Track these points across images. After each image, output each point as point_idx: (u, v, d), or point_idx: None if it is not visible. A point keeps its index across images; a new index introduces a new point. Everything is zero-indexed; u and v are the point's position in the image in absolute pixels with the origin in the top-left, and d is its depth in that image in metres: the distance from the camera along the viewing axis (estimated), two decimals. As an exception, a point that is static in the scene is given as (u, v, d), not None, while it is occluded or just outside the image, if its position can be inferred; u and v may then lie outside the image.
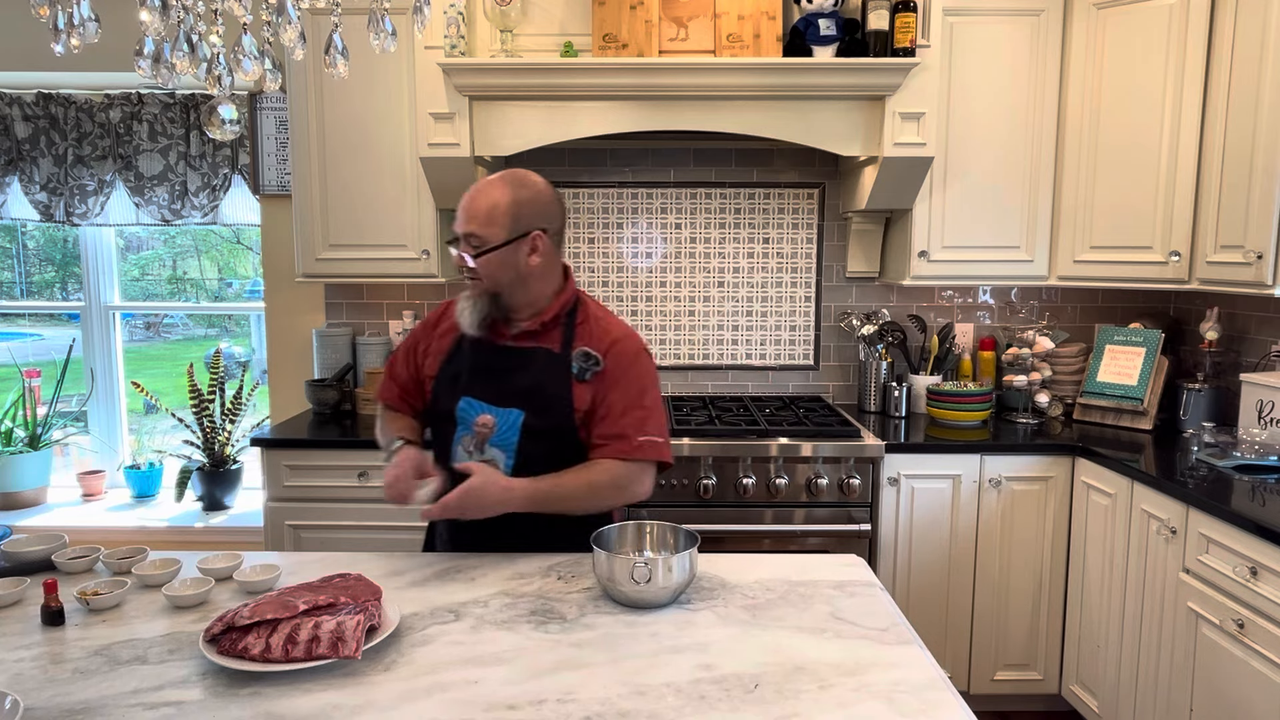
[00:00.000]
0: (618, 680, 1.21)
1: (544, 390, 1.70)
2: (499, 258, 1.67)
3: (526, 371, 1.71)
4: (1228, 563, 2.04)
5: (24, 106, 3.37)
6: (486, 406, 1.71)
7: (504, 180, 1.69)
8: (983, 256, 2.94)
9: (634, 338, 1.78)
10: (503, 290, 1.71)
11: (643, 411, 1.71)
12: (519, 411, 1.69)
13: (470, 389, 1.73)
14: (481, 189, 1.68)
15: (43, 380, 3.75)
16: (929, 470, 2.71)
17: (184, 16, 1.31)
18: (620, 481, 1.69)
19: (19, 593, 1.48)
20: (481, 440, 1.70)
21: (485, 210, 1.66)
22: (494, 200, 1.66)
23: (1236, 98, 2.47)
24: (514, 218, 1.66)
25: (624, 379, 1.72)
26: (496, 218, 1.66)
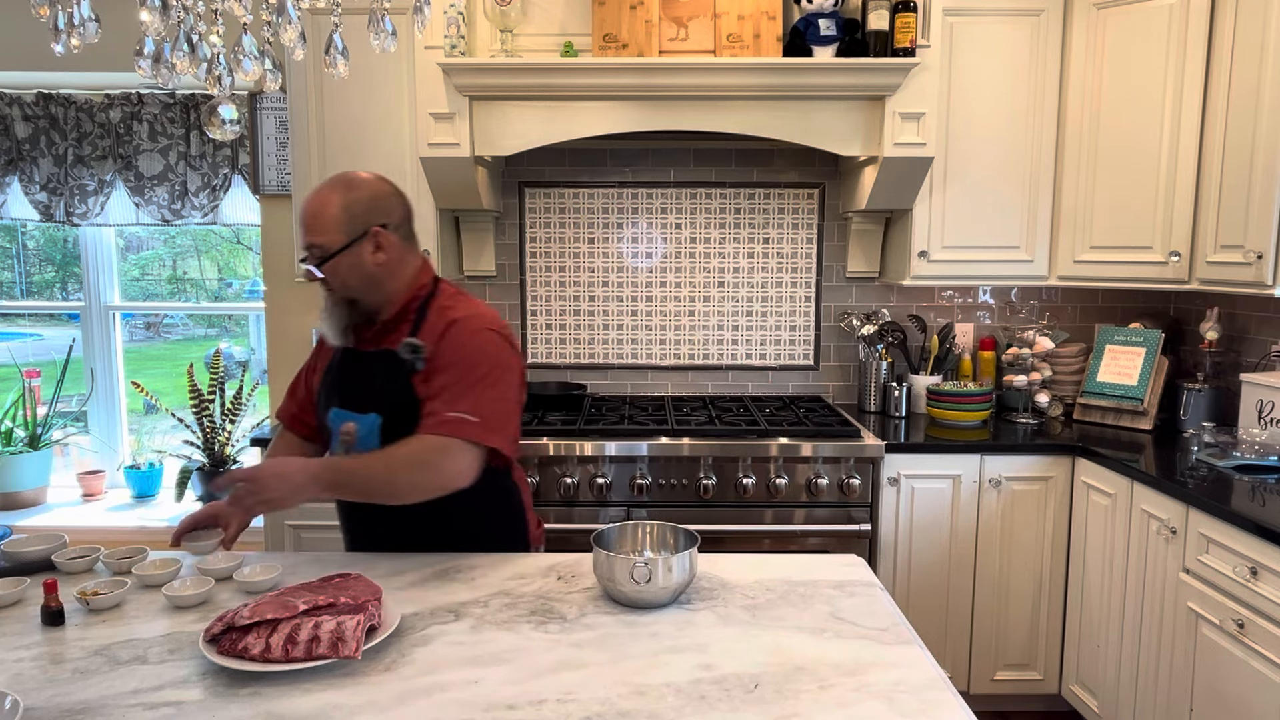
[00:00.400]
0: (618, 680, 1.21)
1: (393, 390, 1.67)
2: (343, 262, 1.64)
3: (377, 374, 1.70)
4: (1228, 563, 2.04)
5: (24, 106, 3.37)
6: (350, 414, 1.70)
7: (333, 185, 1.66)
8: (983, 256, 2.94)
9: (479, 318, 1.70)
10: (357, 294, 1.69)
11: (463, 388, 1.62)
12: (375, 415, 1.67)
13: (338, 398, 1.73)
14: (312, 198, 1.65)
15: (43, 380, 3.75)
16: (929, 470, 2.71)
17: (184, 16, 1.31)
18: (421, 457, 1.57)
19: (19, 593, 1.48)
20: (348, 448, 1.69)
21: (318, 218, 1.63)
22: (325, 207, 1.64)
23: (1236, 98, 2.47)
24: (349, 219, 1.64)
25: (453, 358, 1.64)
26: (330, 223, 1.63)
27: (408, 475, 1.58)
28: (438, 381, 1.64)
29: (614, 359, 3.33)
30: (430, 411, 1.62)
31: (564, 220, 3.27)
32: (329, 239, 1.63)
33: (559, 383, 3.27)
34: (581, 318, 3.31)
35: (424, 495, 1.60)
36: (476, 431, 1.60)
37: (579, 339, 3.32)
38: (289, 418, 1.90)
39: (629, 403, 3.12)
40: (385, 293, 1.71)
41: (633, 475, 2.64)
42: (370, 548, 1.78)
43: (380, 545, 1.77)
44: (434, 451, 1.58)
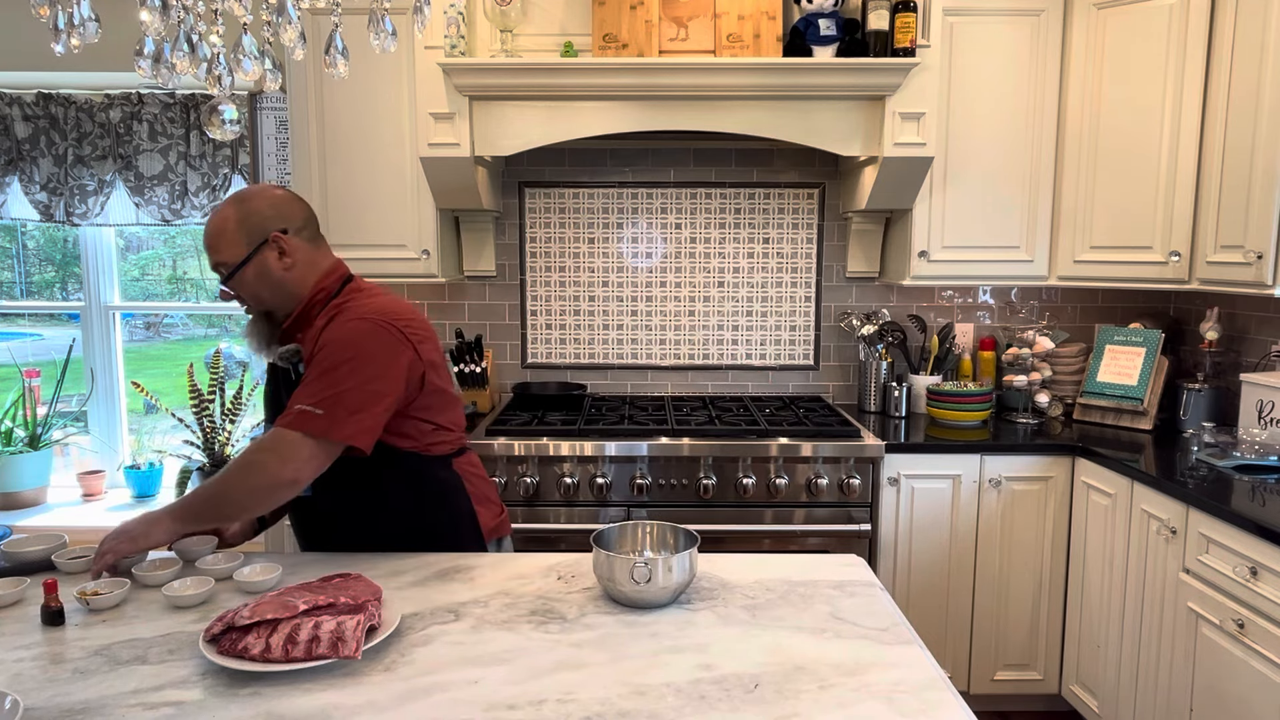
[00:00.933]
0: (618, 680, 1.21)
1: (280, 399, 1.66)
2: (249, 274, 1.64)
3: (281, 386, 1.69)
4: (1228, 563, 2.04)
5: (24, 106, 3.37)
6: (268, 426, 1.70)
7: (228, 202, 1.67)
8: (983, 256, 2.94)
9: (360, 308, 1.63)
10: (270, 306, 1.69)
11: (312, 380, 1.55)
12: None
13: (267, 416, 1.74)
14: (211, 218, 1.66)
15: (43, 380, 3.75)
16: (929, 470, 2.71)
17: (184, 16, 1.31)
18: (248, 459, 1.52)
19: (19, 593, 1.48)
20: None
21: (218, 236, 1.63)
22: (223, 223, 1.64)
23: (1236, 98, 2.47)
24: (245, 231, 1.64)
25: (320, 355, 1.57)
26: (230, 238, 1.63)
27: (239, 481, 1.52)
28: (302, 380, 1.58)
29: (614, 359, 3.33)
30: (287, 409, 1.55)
31: (564, 220, 3.27)
32: (230, 254, 1.63)
33: (559, 383, 3.27)
34: (581, 318, 3.31)
35: (267, 498, 1.54)
36: (318, 424, 1.51)
37: (579, 339, 3.32)
38: None
39: (629, 403, 3.12)
40: (299, 298, 1.69)
41: (633, 475, 2.64)
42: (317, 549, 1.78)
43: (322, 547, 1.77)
44: (262, 451, 1.52)
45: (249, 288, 1.65)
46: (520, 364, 3.33)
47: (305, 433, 1.52)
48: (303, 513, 1.76)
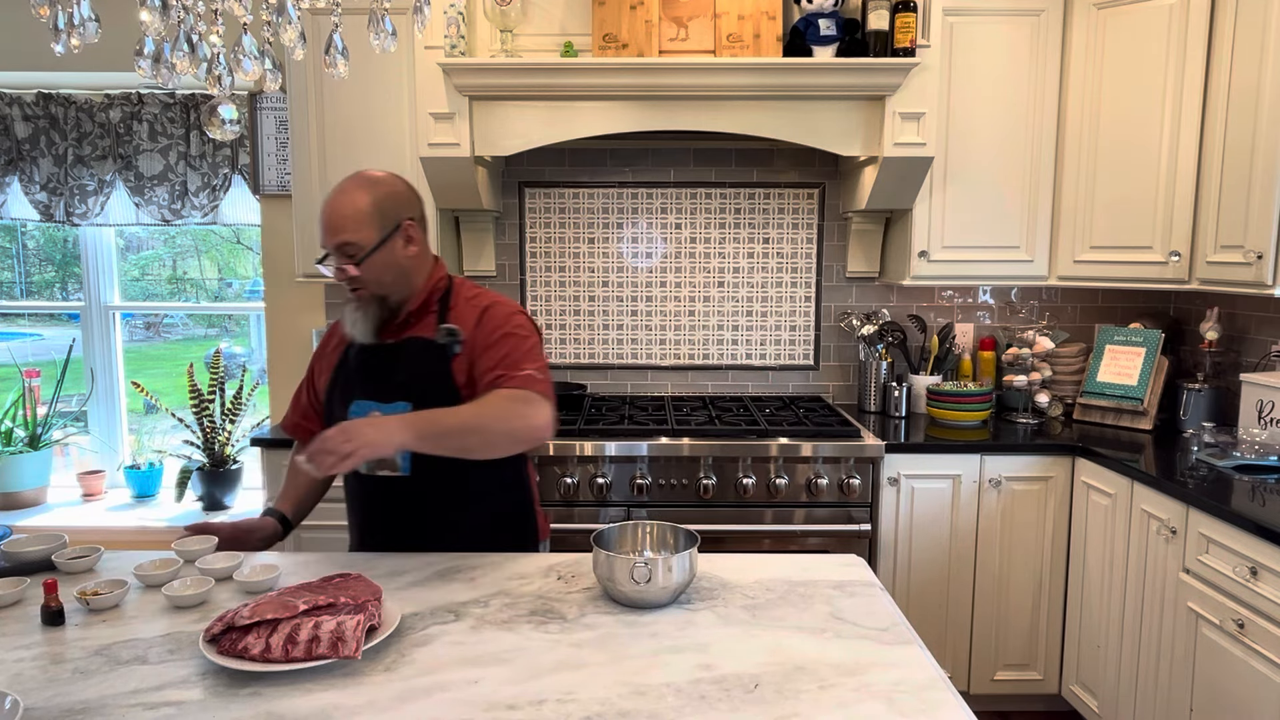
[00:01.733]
0: (618, 680, 1.21)
1: (423, 376, 1.70)
2: (380, 259, 1.66)
3: (404, 363, 1.72)
4: (1228, 563, 2.04)
5: (24, 106, 3.37)
6: (375, 405, 1.70)
7: (357, 183, 1.67)
8: (983, 256, 2.94)
9: (508, 304, 1.77)
10: (388, 290, 1.71)
11: (520, 355, 1.68)
12: (405, 404, 1.68)
13: (358, 391, 1.74)
14: (339, 198, 1.65)
15: (43, 380, 3.75)
16: (929, 470, 2.71)
17: (184, 16, 1.31)
18: (509, 410, 1.59)
19: (19, 593, 1.48)
20: None
21: (351, 216, 1.64)
22: (357, 204, 1.64)
23: (1236, 98, 2.47)
24: (381, 214, 1.66)
25: (495, 336, 1.70)
26: (365, 220, 1.64)
27: (502, 424, 1.58)
28: (490, 358, 1.68)
29: (614, 359, 3.33)
30: (495, 379, 1.64)
31: (564, 220, 3.27)
32: (363, 236, 1.64)
33: (559, 383, 3.27)
34: (581, 318, 3.31)
35: (514, 443, 1.62)
36: (547, 389, 1.66)
37: (579, 339, 3.32)
38: (292, 426, 1.92)
39: (629, 403, 3.12)
40: (412, 287, 1.74)
41: (633, 475, 2.64)
42: (382, 543, 1.78)
43: (392, 539, 1.77)
44: (521, 402, 1.60)
45: (375, 271, 1.66)
46: (520, 364, 3.33)
47: (542, 394, 1.64)
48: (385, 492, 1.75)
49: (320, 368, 1.87)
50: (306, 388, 1.91)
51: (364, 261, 1.65)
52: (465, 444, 1.58)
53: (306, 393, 1.90)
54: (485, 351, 1.69)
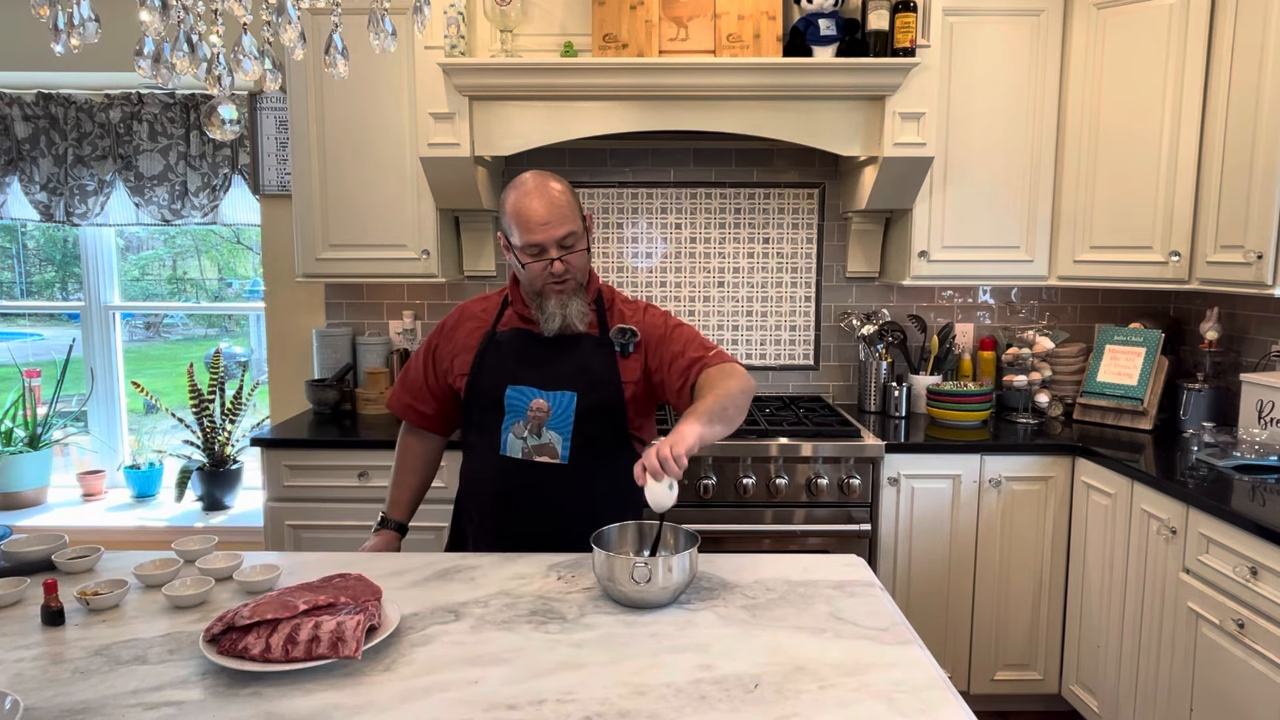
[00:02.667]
0: (618, 680, 1.21)
1: (592, 371, 1.77)
2: (583, 247, 1.75)
3: (573, 356, 1.78)
4: (1228, 563, 2.04)
5: (24, 106, 3.37)
6: (537, 392, 1.76)
7: (548, 178, 1.73)
8: (983, 256, 2.94)
9: (658, 308, 1.90)
10: (582, 281, 1.79)
11: (699, 340, 1.81)
12: (571, 394, 1.75)
13: (517, 377, 1.77)
14: (546, 193, 1.70)
15: (43, 380, 3.75)
16: (929, 470, 2.71)
17: (184, 16, 1.31)
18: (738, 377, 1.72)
19: (19, 593, 1.48)
20: (538, 424, 1.76)
21: (566, 207, 1.71)
22: (565, 197, 1.72)
23: (1236, 98, 2.47)
24: (578, 206, 1.75)
25: (668, 330, 1.82)
26: (573, 212, 1.73)
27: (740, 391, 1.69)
28: (674, 345, 1.79)
29: (614, 359, 3.32)
30: (692, 361, 1.76)
31: (564, 220, 3.26)
32: (577, 225, 1.72)
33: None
34: (581, 318, 3.30)
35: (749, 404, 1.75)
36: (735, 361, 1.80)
37: (579, 339, 3.32)
38: (403, 407, 1.96)
39: (629, 403, 3.11)
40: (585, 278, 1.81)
41: (633, 475, 2.63)
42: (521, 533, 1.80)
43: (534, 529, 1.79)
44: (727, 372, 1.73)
45: (581, 259, 1.74)
46: (520, 364, 3.33)
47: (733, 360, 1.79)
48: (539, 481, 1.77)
49: (450, 351, 1.88)
50: (425, 370, 1.92)
51: (578, 250, 1.72)
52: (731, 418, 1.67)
53: (426, 375, 1.92)
54: (665, 343, 1.80)
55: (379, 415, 3.08)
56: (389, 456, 2.70)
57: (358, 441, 2.75)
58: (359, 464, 2.73)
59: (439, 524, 2.72)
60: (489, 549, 1.82)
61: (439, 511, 2.72)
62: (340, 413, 3.10)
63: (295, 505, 2.77)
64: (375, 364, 3.20)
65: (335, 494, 2.75)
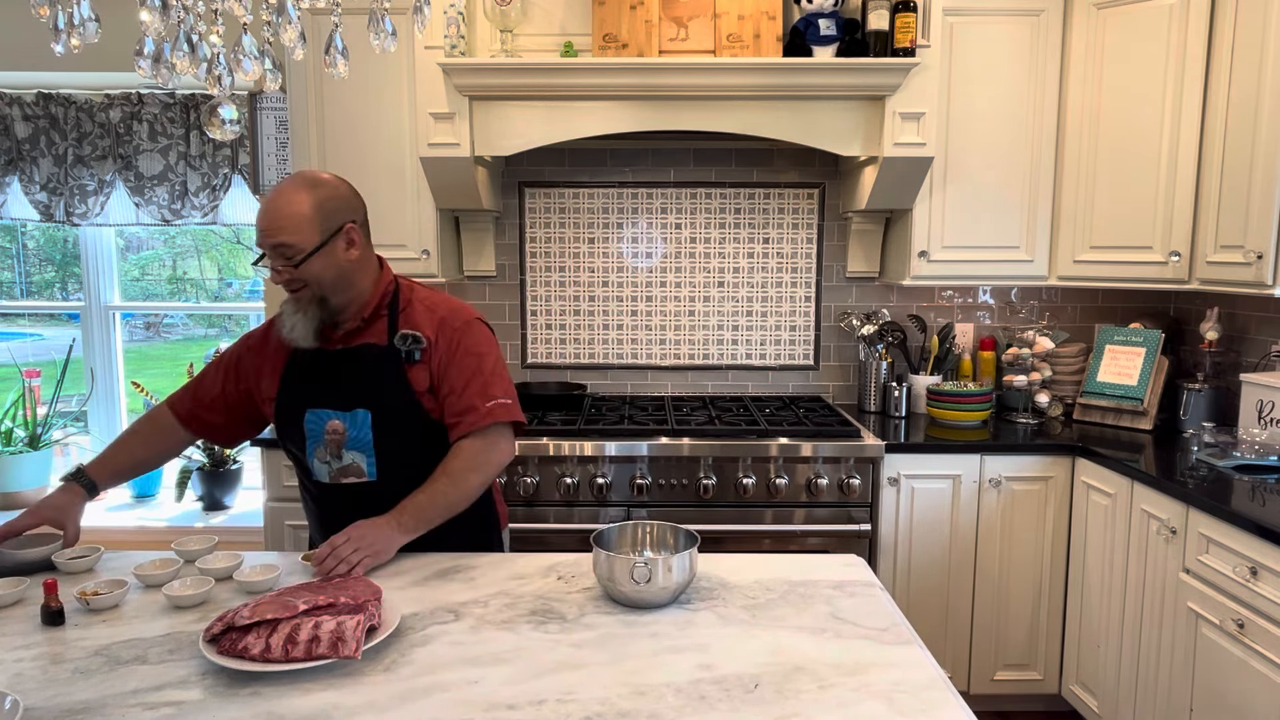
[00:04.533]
0: (618, 680, 1.21)
1: (381, 384, 1.70)
2: (319, 261, 1.63)
3: (360, 370, 1.71)
4: (1228, 563, 2.04)
5: (24, 106, 3.37)
6: (332, 413, 1.70)
7: (298, 184, 1.64)
8: (983, 256, 2.94)
9: (463, 310, 1.79)
10: (329, 293, 1.68)
11: (483, 378, 1.73)
12: (365, 411, 1.69)
13: (312, 399, 1.71)
14: (279, 198, 1.61)
15: (43, 380, 3.75)
16: (929, 470, 2.71)
17: (184, 16, 1.31)
18: (476, 459, 1.70)
19: (19, 593, 1.48)
20: (337, 447, 1.71)
21: (291, 217, 1.60)
22: (297, 206, 1.61)
23: (1236, 98, 2.47)
24: (323, 217, 1.62)
25: (458, 352, 1.73)
26: (304, 222, 1.61)
27: (473, 476, 1.70)
28: (455, 374, 1.71)
29: (614, 359, 3.33)
30: (467, 406, 1.71)
31: (564, 220, 3.27)
32: (303, 238, 1.61)
33: (559, 383, 3.27)
34: (581, 318, 3.31)
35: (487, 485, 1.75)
36: (513, 412, 1.75)
37: (579, 339, 3.32)
38: (189, 416, 1.84)
39: (629, 403, 3.12)
40: (354, 290, 1.71)
41: (633, 475, 2.64)
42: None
43: None
44: (487, 447, 1.71)
45: (315, 273, 1.64)
46: (520, 364, 3.33)
47: (508, 421, 1.74)
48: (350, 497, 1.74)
49: (255, 366, 1.80)
50: (225, 381, 1.83)
51: (302, 264, 1.62)
52: (454, 513, 1.69)
53: (225, 387, 1.82)
54: (450, 368, 1.72)
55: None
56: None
57: (358, 441, 2.75)
58: (359, 464, 2.73)
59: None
60: None
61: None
62: (340, 413, 3.10)
63: (295, 505, 2.75)
64: (375, 364, 3.20)
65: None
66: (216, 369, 1.85)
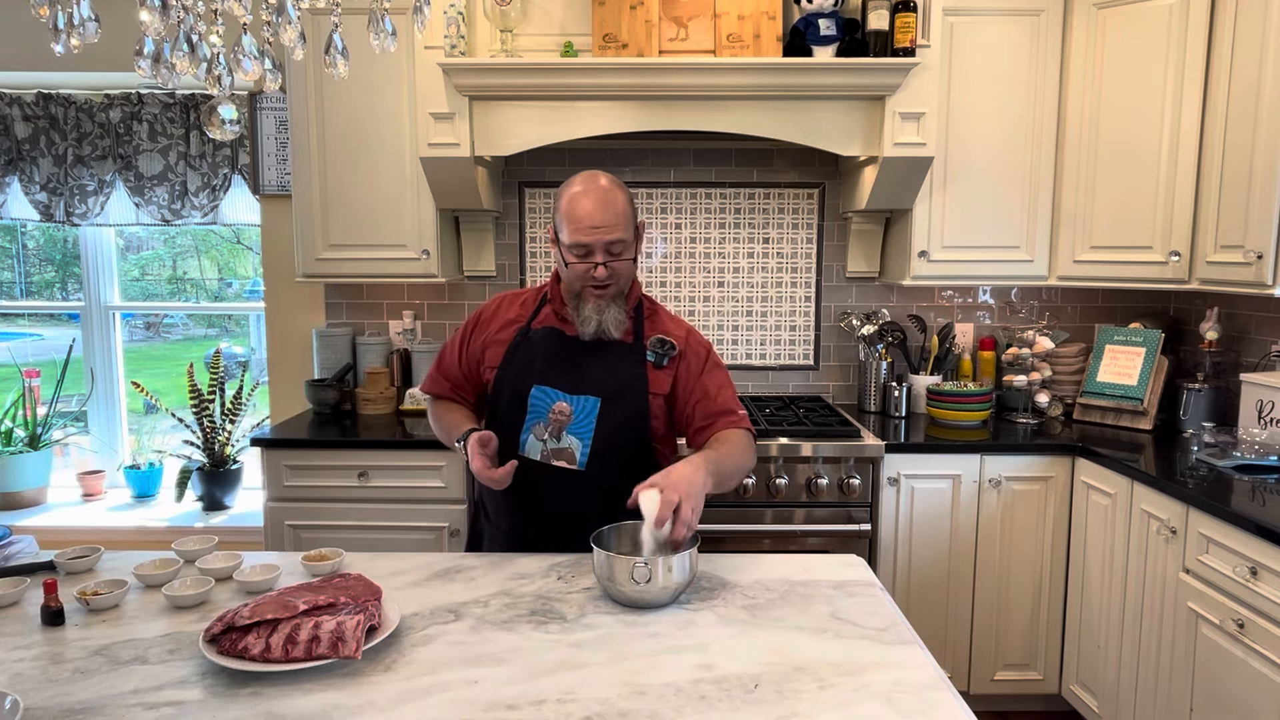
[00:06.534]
0: (618, 680, 1.21)
1: (620, 378, 1.75)
2: (630, 256, 1.73)
3: (602, 361, 1.76)
4: (1228, 563, 2.04)
5: (24, 106, 3.37)
6: (561, 395, 1.74)
7: (610, 183, 1.71)
8: (983, 256, 2.94)
9: (698, 332, 1.89)
10: (624, 288, 1.77)
11: (732, 391, 1.83)
12: (595, 399, 1.73)
13: (544, 377, 1.76)
14: (601, 196, 1.67)
15: (43, 380, 3.75)
16: (929, 470, 2.71)
17: (184, 16, 1.31)
18: (751, 454, 1.77)
19: (19, 593, 1.48)
20: (558, 427, 1.74)
21: (620, 214, 1.68)
22: (622, 203, 1.69)
23: (1236, 98, 2.47)
24: (633, 214, 1.73)
25: (709, 363, 1.83)
26: (627, 219, 1.70)
27: (748, 464, 1.75)
28: (710, 381, 1.80)
29: (614, 359, 3.32)
30: (726, 409, 1.79)
31: (564, 220, 3.26)
32: (628, 234, 1.70)
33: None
34: (581, 318, 3.30)
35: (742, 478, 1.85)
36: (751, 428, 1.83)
37: (579, 339, 3.31)
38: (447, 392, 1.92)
39: (629, 403, 3.11)
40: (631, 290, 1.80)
41: (633, 475, 2.63)
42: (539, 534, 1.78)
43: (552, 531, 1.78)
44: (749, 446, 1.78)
45: (627, 268, 1.72)
46: (520, 364, 3.33)
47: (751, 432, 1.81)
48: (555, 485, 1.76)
49: (484, 344, 1.86)
50: (460, 357, 1.89)
51: (624, 259, 1.70)
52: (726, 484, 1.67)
53: (459, 362, 1.89)
54: (705, 376, 1.81)
55: (379, 415, 3.08)
56: (389, 456, 2.71)
57: (358, 441, 2.75)
58: (359, 464, 2.73)
59: (439, 524, 2.72)
60: (502, 549, 1.82)
61: (440, 512, 2.73)
62: (340, 413, 3.10)
63: (295, 505, 2.77)
64: (375, 364, 3.20)
65: (335, 494, 2.75)
66: (453, 346, 1.92)
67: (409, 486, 2.71)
